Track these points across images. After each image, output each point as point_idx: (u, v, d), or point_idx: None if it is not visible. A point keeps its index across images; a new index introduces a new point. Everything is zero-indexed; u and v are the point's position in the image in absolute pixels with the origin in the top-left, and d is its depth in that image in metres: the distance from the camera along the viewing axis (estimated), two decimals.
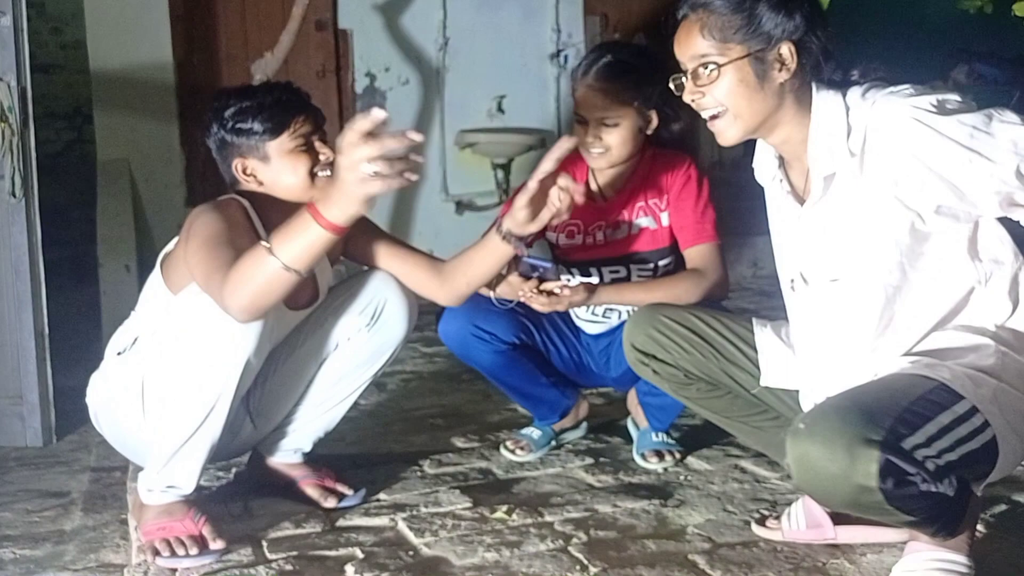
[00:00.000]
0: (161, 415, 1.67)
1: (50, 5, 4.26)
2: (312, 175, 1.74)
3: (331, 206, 1.41)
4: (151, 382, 1.68)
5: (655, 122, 2.02)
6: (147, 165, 3.90)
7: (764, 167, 1.58)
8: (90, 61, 3.87)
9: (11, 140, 2.36)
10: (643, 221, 2.06)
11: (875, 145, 1.40)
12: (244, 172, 1.75)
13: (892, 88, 1.41)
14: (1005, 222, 1.45)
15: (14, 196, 2.36)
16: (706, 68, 1.43)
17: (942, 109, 1.36)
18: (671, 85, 1.49)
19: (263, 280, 1.47)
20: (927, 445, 1.30)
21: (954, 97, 1.39)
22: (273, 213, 1.73)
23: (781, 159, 1.54)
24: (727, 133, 1.46)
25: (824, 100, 1.44)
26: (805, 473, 1.31)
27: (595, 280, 2.06)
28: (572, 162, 2.15)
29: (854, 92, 1.44)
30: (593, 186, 2.10)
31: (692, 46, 1.44)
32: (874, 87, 1.44)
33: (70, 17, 4.26)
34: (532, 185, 1.68)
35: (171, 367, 1.63)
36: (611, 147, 1.99)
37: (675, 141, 2.04)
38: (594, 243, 2.08)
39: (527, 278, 1.91)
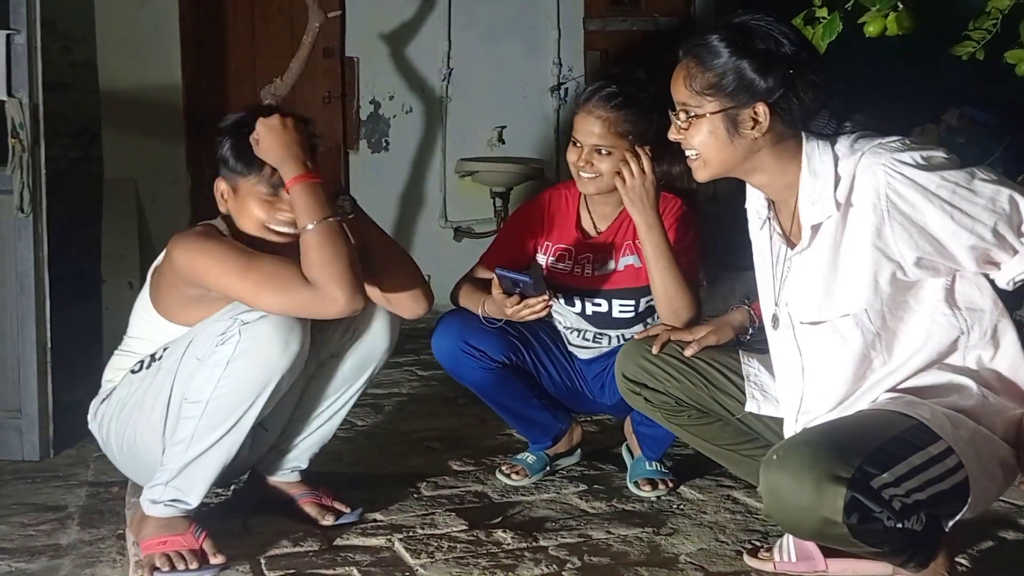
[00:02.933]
0: (180, 427, 1.68)
1: (62, 24, 4.30)
2: (266, 227, 1.74)
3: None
4: (177, 399, 1.70)
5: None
6: (153, 185, 3.93)
7: (754, 209, 1.63)
8: (100, 81, 3.91)
9: (21, 156, 2.39)
10: (629, 259, 2.10)
11: (860, 196, 1.44)
12: (221, 194, 1.79)
13: (881, 140, 1.45)
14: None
15: (22, 211, 2.39)
16: (683, 115, 1.50)
17: (927, 164, 1.40)
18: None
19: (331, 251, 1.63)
20: (896, 484, 1.33)
21: (939, 153, 1.43)
22: (245, 239, 1.75)
23: (771, 201, 1.58)
24: (698, 173, 1.54)
25: (814, 150, 1.48)
26: (774, 503, 1.37)
27: (576, 308, 2.11)
28: (567, 187, 2.20)
29: (843, 142, 1.48)
30: (585, 218, 2.15)
31: (677, 91, 1.51)
32: (864, 137, 1.47)
33: (81, 36, 4.29)
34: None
35: (203, 384, 1.65)
36: (602, 174, 2.03)
37: (677, 180, 2.08)
38: (581, 274, 2.13)
39: (509, 294, 1.95)
